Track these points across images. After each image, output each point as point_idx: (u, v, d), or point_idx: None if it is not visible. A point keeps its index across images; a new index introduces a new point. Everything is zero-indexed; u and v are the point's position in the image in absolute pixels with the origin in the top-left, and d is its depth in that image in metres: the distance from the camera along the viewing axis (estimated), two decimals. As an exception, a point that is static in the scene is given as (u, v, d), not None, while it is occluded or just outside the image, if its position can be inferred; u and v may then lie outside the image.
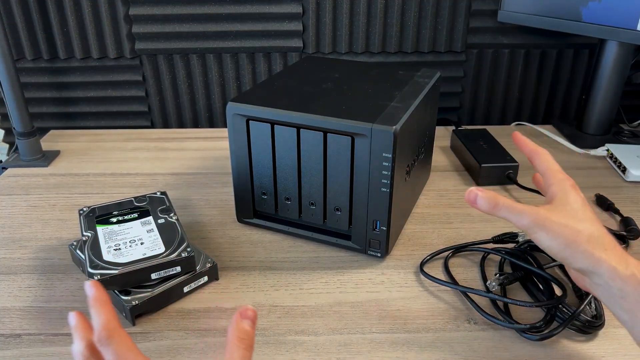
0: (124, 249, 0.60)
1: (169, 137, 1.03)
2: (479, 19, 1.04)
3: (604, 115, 0.98)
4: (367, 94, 0.69)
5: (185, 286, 0.60)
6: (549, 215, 0.45)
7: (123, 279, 0.57)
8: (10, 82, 0.87)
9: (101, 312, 0.39)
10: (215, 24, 1.03)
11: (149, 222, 0.65)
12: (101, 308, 0.40)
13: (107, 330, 0.38)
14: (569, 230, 0.44)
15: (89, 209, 0.66)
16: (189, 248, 0.60)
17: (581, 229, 0.44)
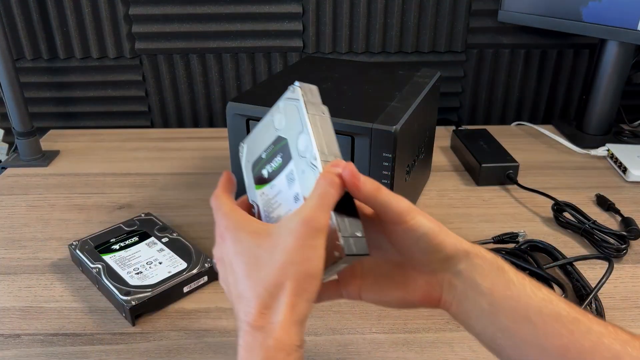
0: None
1: (169, 137, 1.03)
2: (479, 18, 1.04)
3: (604, 115, 0.98)
4: (367, 93, 0.69)
5: (185, 286, 0.60)
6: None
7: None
8: (9, 81, 0.87)
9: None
10: (215, 23, 1.03)
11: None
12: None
13: (214, 199, 0.40)
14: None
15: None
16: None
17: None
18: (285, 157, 0.39)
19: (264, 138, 0.41)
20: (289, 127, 0.39)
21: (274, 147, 0.40)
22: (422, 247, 0.39)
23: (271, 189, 0.40)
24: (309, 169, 0.37)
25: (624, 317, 0.57)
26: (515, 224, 0.74)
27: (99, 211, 0.78)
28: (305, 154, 0.37)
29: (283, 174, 0.39)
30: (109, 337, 0.55)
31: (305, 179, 0.37)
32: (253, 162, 0.42)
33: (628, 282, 0.63)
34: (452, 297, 0.40)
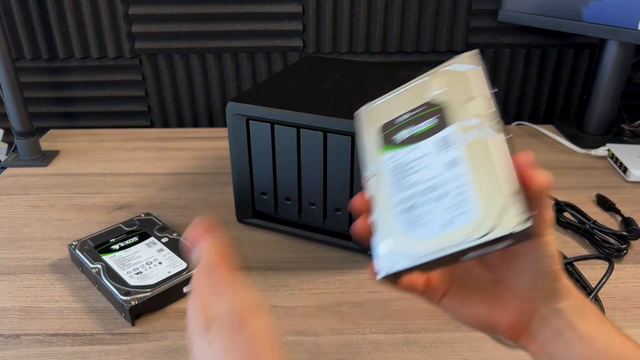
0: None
1: (169, 137, 1.03)
2: (480, 18, 1.04)
3: (604, 115, 0.98)
4: (367, 93, 0.69)
5: (185, 286, 0.60)
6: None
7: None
8: (9, 81, 0.86)
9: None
10: (215, 23, 1.02)
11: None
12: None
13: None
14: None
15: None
16: None
17: None
18: (440, 122, 0.37)
19: (405, 102, 0.40)
20: (452, 93, 0.38)
21: (423, 109, 0.38)
22: (538, 269, 0.36)
23: (410, 152, 0.37)
24: (483, 133, 0.34)
25: (624, 317, 0.57)
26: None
27: (99, 211, 0.78)
28: (478, 119, 0.35)
29: (432, 138, 0.36)
30: (108, 337, 0.55)
31: (475, 144, 0.34)
32: (382, 125, 0.40)
33: (628, 282, 0.63)
34: (541, 333, 0.38)
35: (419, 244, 0.34)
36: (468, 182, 0.33)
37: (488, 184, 0.33)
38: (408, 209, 0.35)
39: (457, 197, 0.33)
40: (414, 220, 0.35)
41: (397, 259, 0.34)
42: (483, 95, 0.36)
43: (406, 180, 0.36)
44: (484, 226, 0.31)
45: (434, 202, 0.34)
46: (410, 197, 0.35)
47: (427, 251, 0.33)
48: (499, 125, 0.34)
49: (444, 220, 0.33)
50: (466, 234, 0.32)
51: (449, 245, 0.32)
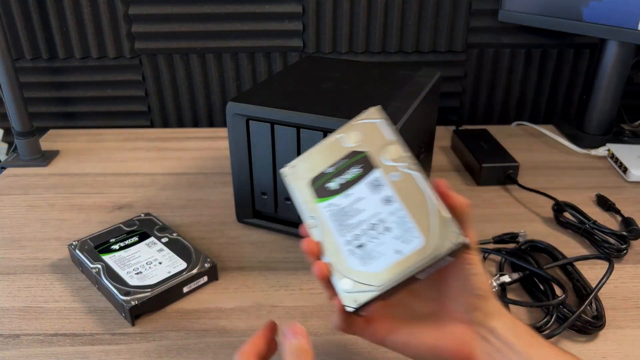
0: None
1: (169, 137, 1.03)
2: (480, 18, 1.04)
3: (604, 115, 0.98)
4: (367, 93, 0.69)
5: (185, 286, 0.60)
6: None
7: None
8: (9, 81, 0.86)
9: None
10: (215, 23, 1.02)
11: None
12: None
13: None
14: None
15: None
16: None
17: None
18: (365, 168, 0.43)
19: (326, 157, 0.45)
20: (367, 143, 0.44)
21: (346, 161, 0.44)
22: (469, 288, 0.40)
23: (345, 198, 0.42)
24: (404, 173, 0.41)
25: (624, 317, 0.57)
26: (515, 224, 0.74)
27: (99, 211, 0.78)
28: (396, 162, 0.42)
29: (363, 182, 0.42)
30: (108, 337, 0.55)
31: (400, 183, 0.41)
32: (311, 179, 0.44)
33: (628, 282, 0.63)
34: (485, 355, 0.40)
35: (377, 275, 0.39)
36: (405, 214, 0.40)
37: (422, 212, 0.39)
38: (358, 247, 0.40)
39: (400, 228, 0.39)
40: (367, 256, 0.39)
41: (361, 292, 0.38)
42: (396, 141, 0.43)
43: (348, 223, 0.41)
44: (430, 248, 0.38)
45: (380, 236, 0.40)
46: (357, 237, 0.40)
47: (387, 280, 0.38)
48: (416, 164, 0.41)
49: (393, 249, 0.39)
50: (417, 258, 0.38)
51: (405, 270, 0.38)
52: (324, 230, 0.42)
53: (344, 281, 0.39)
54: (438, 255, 0.37)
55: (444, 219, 0.38)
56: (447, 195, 0.40)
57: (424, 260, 0.38)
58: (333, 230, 0.41)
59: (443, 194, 0.40)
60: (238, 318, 0.58)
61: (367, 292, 0.38)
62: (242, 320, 0.57)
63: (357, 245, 0.40)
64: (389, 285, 0.38)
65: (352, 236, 0.40)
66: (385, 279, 0.38)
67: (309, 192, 0.44)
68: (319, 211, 0.43)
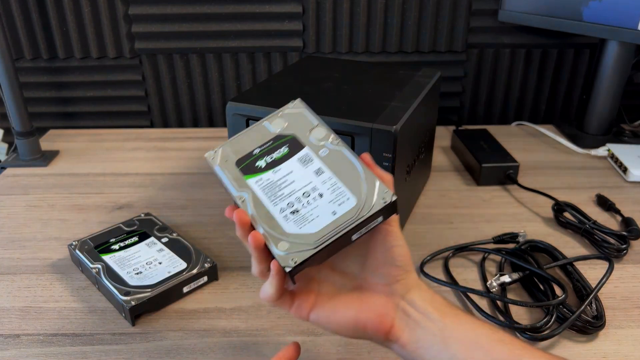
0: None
1: (169, 137, 1.03)
2: (480, 18, 1.04)
3: (604, 115, 0.98)
4: (367, 93, 0.69)
5: (185, 286, 0.60)
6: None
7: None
8: (9, 81, 0.86)
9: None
10: (215, 23, 1.02)
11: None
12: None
13: None
14: None
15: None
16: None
17: None
18: (293, 147, 0.46)
19: (256, 139, 0.47)
20: (293, 127, 0.47)
21: (272, 142, 0.46)
22: (390, 258, 0.42)
23: (276, 173, 0.44)
24: (332, 149, 0.44)
25: (624, 317, 0.57)
26: (515, 224, 0.74)
27: (99, 211, 0.78)
28: (323, 141, 0.45)
29: (293, 159, 0.45)
30: (108, 337, 0.55)
31: (329, 156, 0.44)
32: (238, 159, 0.46)
33: (628, 282, 0.63)
34: (404, 324, 0.42)
35: (313, 235, 0.40)
36: (337, 181, 0.43)
37: (353, 178, 0.42)
38: (292, 213, 0.42)
39: (333, 193, 0.42)
40: (302, 220, 0.41)
41: (300, 250, 0.40)
42: (320, 124, 0.46)
43: (280, 193, 0.43)
44: (364, 207, 0.40)
45: (314, 202, 0.42)
46: (290, 204, 0.42)
47: (324, 236, 0.40)
48: (340, 142, 0.45)
49: (329, 212, 0.41)
50: (351, 216, 0.40)
51: (339, 227, 0.40)
52: (255, 203, 0.43)
53: (281, 243, 0.40)
54: (371, 211, 0.40)
55: (373, 181, 0.41)
56: (372, 168, 0.43)
57: (358, 217, 0.40)
58: (265, 201, 0.43)
59: (369, 166, 0.43)
60: (238, 318, 0.58)
61: (305, 250, 0.40)
62: (242, 320, 0.57)
63: (291, 211, 0.42)
64: (324, 241, 0.40)
65: (285, 204, 0.42)
66: (321, 237, 0.40)
67: (236, 171, 0.46)
68: (249, 186, 0.44)
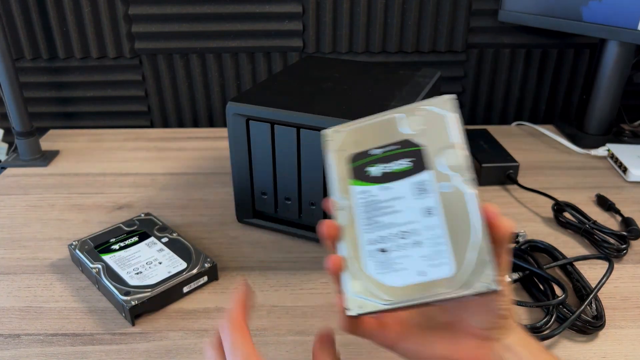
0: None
1: (169, 137, 1.03)
2: (480, 18, 1.04)
3: (604, 115, 0.98)
4: (367, 93, 0.69)
5: (185, 286, 0.60)
6: None
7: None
8: (9, 81, 0.86)
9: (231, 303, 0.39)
10: (215, 23, 1.02)
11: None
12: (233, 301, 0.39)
13: (228, 319, 0.38)
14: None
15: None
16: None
17: None
18: (416, 165, 0.37)
19: (382, 134, 0.39)
20: (428, 136, 0.38)
21: (398, 148, 0.38)
22: (492, 308, 0.38)
23: (383, 190, 0.37)
24: (457, 187, 0.35)
25: (624, 317, 0.57)
26: (515, 224, 0.74)
27: (99, 211, 0.78)
28: (453, 171, 0.36)
29: (409, 180, 0.37)
30: (108, 337, 0.55)
31: (450, 196, 0.35)
32: (353, 155, 0.39)
33: (628, 282, 0.63)
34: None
35: (391, 289, 0.35)
36: (443, 234, 0.35)
37: (463, 239, 0.34)
38: (380, 251, 0.36)
39: (432, 247, 0.35)
40: (387, 264, 0.36)
41: (369, 300, 0.35)
42: (460, 146, 0.37)
43: (379, 219, 0.37)
44: (457, 282, 0.33)
45: (408, 248, 0.35)
46: (383, 239, 0.36)
47: (400, 298, 0.35)
48: (473, 180, 0.36)
49: (418, 269, 0.35)
50: (440, 288, 0.34)
51: (423, 296, 0.34)
52: (350, 217, 0.38)
53: (354, 282, 0.36)
54: (464, 293, 0.33)
55: (484, 256, 0.34)
56: (495, 226, 0.36)
57: (447, 293, 0.34)
58: (359, 222, 0.37)
59: (491, 219, 0.36)
60: (238, 318, 0.58)
61: (375, 302, 0.35)
62: (242, 320, 0.57)
63: (380, 248, 0.36)
64: (400, 305, 0.35)
65: (377, 237, 0.37)
66: (398, 297, 0.35)
67: (346, 168, 0.39)
68: (351, 194, 0.38)
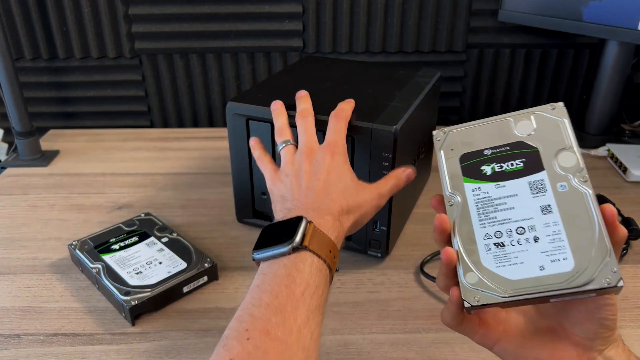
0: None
1: (169, 137, 1.03)
2: (480, 18, 1.04)
3: (604, 115, 0.98)
4: (367, 93, 0.69)
5: (185, 286, 0.60)
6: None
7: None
8: (9, 81, 0.86)
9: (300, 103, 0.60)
10: (215, 23, 1.02)
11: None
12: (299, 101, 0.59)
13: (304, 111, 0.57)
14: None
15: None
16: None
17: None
18: (530, 165, 0.39)
19: (492, 136, 0.41)
20: (541, 139, 0.39)
21: (510, 149, 0.40)
22: (599, 317, 0.37)
23: (498, 189, 0.39)
24: (573, 187, 0.37)
25: (624, 317, 0.57)
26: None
27: (99, 211, 0.78)
28: (568, 172, 0.37)
29: (524, 180, 0.38)
30: (108, 337, 0.55)
31: (566, 196, 0.37)
32: (464, 154, 0.41)
33: (628, 282, 0.63)
34: None
35: (509, 282, 0.35)
36: (561, 230, 0.36)
37: (582, 237, 0.35)
38: (496, 245, 0.37)
39: (551, 243, 0.35)
40: (504, 258, 0.36)
41: (487, 292, 0.36)
42: (574, 149, 0.38)
43: (493, 215, 0.38)
44: (577, 277, 0.34)
45: (526, 244, 0.36)
46: (498, 233, 0.37)
47: (519, 291, 0.35)
48: (588, 182, 0.37)
49: (537, 263, 0.35)
50: (561, 281, 0.34)
51: (544, 289, 0.34)
52: (463, 213, 0.39)
53: (471, 274, 0.36)
54: (585, 288, 0.33)
55: (605, 251, 0.34)
56: (613, 226, 0.36)
57: (567, 287, 0.34)
58: (473, 217, 0.38)
59: (610, 223, 0.35)
60: (238, 318, 0.58)
61: (492, 294, 0.35)
62: (242, 320, 0.57)
63: (496, 242, 0.37)
64: (518, 297, 0.35)
65: (493, 231, 0.37)
66: (516, 289, 0.35)
67: (458, 166, 0.40)
68: (464, 191, 0.39)
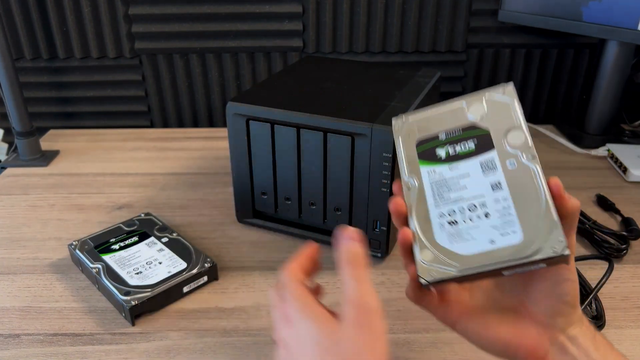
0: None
1: (169, 137, 1.03)
2: (480, 18, 1.04)
3: (604, 115, 0.98)
4: (367, 93, 0.69)
5: (185, 286, 0.60)
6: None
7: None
8: (9, 81, 0.86)
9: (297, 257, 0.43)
10: (215, 23, 1.02)
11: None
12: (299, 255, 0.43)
13: (286, 274, 0.41)
14: None
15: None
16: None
17: None
18: (481, 146, 0.40)
19: (447, 120, 0.42)
20: (491, 120, 0.41)
21: (462, 132, 0.41)
22: (558, 294, 0.38)
23: (452, 170, 0.40)
24: (522, 163, 0.38)
25: (624, 317, 0.57)
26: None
27: (99, 211, 0.78)
28: (517, 149, 0.39)
29: (476, 159, 0.40)
30: (108, 337, 0.55)
31: (515, 172, 0.38)
32: (420, 139, 0.42)
33: (628, 282, 0.63)
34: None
35: (462, 257, 0.37)
36: (510, 205, 0.37)
37: (530, 210, 0.36)
38: (450, 223, 0.38)
39: (500, 218, 0.37)
40: (457, 235, 0.38)
41: (441, 268, 0.37)
42: (522, 128, 0.40)
43: (447, 195, 0.40)
44: (527, 249, 0.35)
45: (477, 220, 0.38)
46: (451, 212, 0.39)
47: (472, 265, 0.36)
48: (536, 159, 0.38)
49: (488, 238, 0.37)
50: (511, 253, 0.36)
51: (495, 261, 0.36)
52: (419, 195, 0.40)
53: (426, 252, 0.38)
54: (533, 258, 0.35)
55: (552, 222, 0.35)
56: (561, 197, 0.37)
57: (517, 258, 0.35)
58: (428, 198, 0.40)
59: (556, 195, 0.37)
60: (238, 318, 0.58)
61: (446, 269, 0.37)
62: (242, 320, 0.57)
63: (449, 221, 0.38)
64: (470, 271, 0.36)
65: (447, 210, 0.39)
66: (469, 263, 0.36)
67: (414, 152, 0.42)
68: (420, 174, 0.41)
